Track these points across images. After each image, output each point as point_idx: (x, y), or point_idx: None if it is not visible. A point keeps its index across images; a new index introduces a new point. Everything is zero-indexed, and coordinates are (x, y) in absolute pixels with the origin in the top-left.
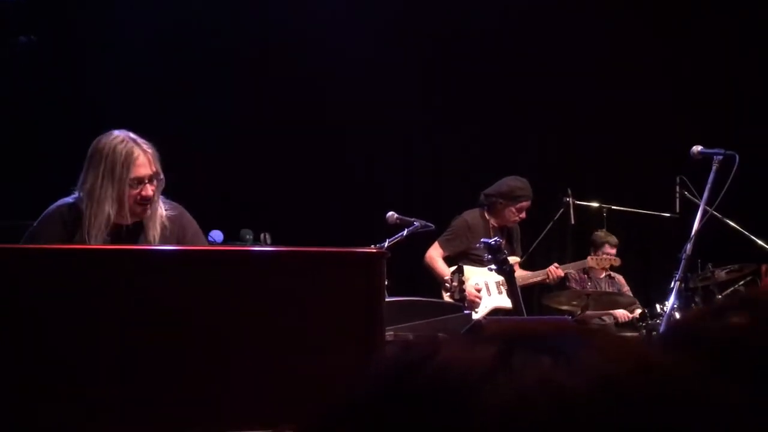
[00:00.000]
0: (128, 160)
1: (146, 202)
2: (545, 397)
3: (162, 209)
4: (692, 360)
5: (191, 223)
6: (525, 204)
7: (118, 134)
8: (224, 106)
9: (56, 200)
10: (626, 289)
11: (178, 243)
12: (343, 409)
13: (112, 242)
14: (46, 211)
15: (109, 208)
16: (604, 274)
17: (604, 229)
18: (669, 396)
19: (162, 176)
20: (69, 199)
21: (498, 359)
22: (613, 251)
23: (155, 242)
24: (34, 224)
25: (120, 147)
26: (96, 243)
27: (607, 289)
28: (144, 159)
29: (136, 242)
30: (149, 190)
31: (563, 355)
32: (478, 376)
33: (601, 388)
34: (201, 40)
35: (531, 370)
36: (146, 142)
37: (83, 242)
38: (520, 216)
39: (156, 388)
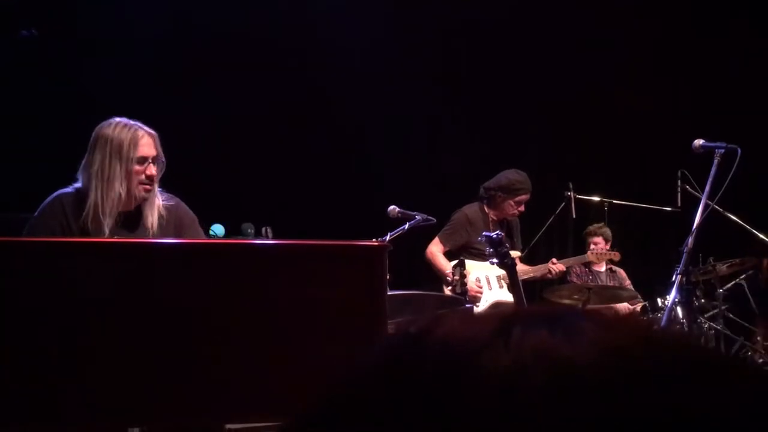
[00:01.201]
0: (134, 139)
1: (150, 181)
2: (541, 364)
3: (159, 199)
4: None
5: (188, 213)
6: (524, 197)
7: (120, 119)
8: (226, 99)
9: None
10: (628, 283)
11: (176, 231)
12: (349, 380)
13: (115, 227)
14: (45, 201)
15: (119, 187)
16: (605, 268)
17: (601, 223)
18: (672, 365)
19: (163, 159)
20: (68, 189)
21: (497, 331)
22: (599, 241)
23: (153, 228)
24: (35, 214)
25: (125, 129)
26: (106, 225)
27: (609, 283)
28: (148, 139)
29: (136, 228)
30: (153, 169)
31: (562, 328)
32: (477, 347)
33: (598, 356)
34: (202, 33)
35: (528, 341)
36: (147, 126)
37: (89, 227)
38: (519, 209)
39: (159, 380)
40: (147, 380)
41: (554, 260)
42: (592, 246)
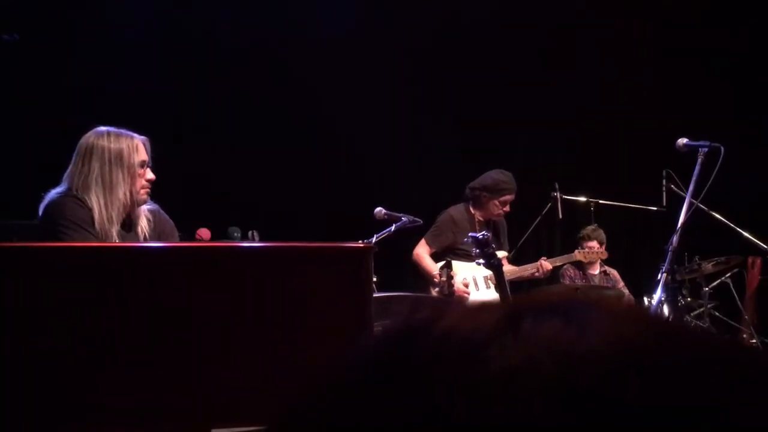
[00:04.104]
0: (134, 146)
1: (150, 185)
2: (555, 359)
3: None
4: None
5: (168, 220)
6: (509, 197)
7: (109, 128)
8: (212, 103)
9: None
10: (621, 284)
11: (160, 235)
12: (348, 374)
13: (120, 232)
14: (58, 201)
15: (122, 194)
16: (598, 270)
17: (594, 225)
18: (686, 358)
19: (151, 163)
20: (62, 190)
21: (505, 323)
22: (594, 245)
23: (145, 232)
24: (57, 216)
25: (122, 137)
26: (114, 231)
27: (600, 284)
28: (142, 146)
29: (131, 233)
30: (151, 174)
31: (574, 319)
32: (484, 339)
33: (614, 350)
34: (187, 35)
35: (540, 333)
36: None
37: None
38: (504, 209)
39: (144, 385)
40: (131, 385)
41: (544, 258)
42: (587, 249)
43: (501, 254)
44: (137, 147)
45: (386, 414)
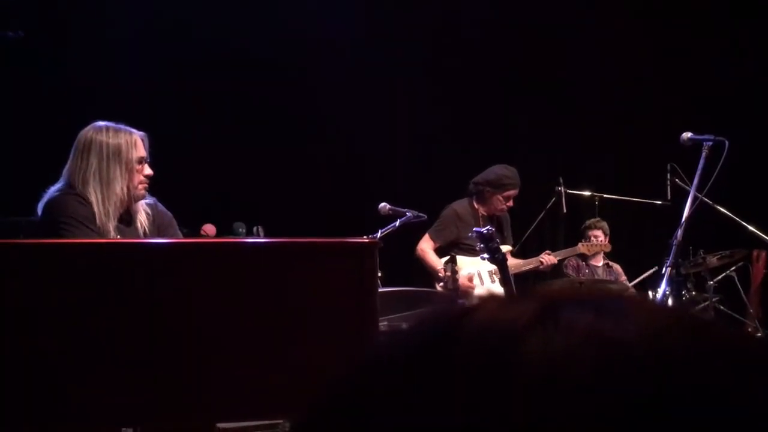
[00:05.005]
0: (133, 141)
1: (148, 180)
2: (596, 347)
3: None
4: None
5: (166, 212)
6: (512, 192)
7: (107, 123)
8: (215, 99)
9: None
10: (624, 278)
11: (159, 228)
12: (382, 366)
13: (118, 228)
14: (58, 198)
15: (119, 189)
16: (602, 263)
17: (598, 217)
18: (720, 351)
19: (149, 160)
20: (62, 186)
21: (543, 313)
22: (598, 233)
23: (144, 227)
24: (57, 213)
25: (120, 132)
26: (111, 226)
27: (604, 278)
28: (140, 141)
29: (130, 228)
30: (149, 169)
31: (608, 311)
32: (523, 329)
33: (652, 342)
34: (189, 33)
35: (578, 323)
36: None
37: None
38: (508, 204)
39: (151, 381)
40: (139, 381)
41: (548, 252)
42: (591, 239)
43: (505, 248)
44: (135, 142)
45: (427, 409)
